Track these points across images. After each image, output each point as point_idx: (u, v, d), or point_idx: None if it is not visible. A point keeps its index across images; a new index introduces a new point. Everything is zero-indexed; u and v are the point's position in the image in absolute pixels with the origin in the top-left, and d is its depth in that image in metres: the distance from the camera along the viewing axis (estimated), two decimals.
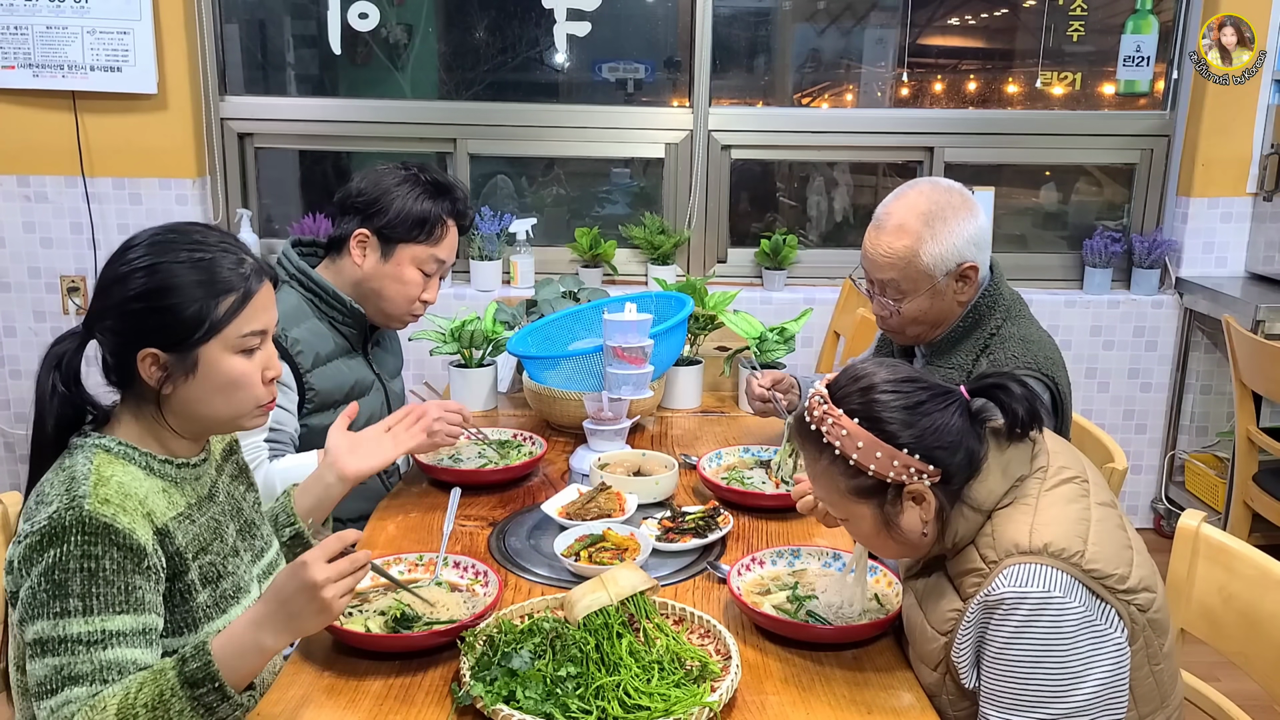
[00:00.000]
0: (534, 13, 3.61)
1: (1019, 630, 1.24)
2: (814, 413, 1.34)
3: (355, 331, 2.12)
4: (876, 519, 1.34)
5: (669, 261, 3.67)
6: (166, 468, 1.34)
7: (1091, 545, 1.27)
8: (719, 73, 3.68)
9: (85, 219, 3.49)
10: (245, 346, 1.33)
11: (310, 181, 3.99)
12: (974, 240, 1.87)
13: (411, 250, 2.06)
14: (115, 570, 1.21)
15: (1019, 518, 1.30)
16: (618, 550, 1.66)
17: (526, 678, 1.26)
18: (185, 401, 1.32)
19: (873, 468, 1.30)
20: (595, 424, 2.06)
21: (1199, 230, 3.63)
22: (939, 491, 1.31)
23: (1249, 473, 3.07)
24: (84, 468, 1.26)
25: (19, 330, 3.58)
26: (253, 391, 1.35)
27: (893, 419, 1.30)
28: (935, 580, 1.39)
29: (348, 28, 3.55)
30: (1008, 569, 1.26)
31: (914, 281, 1.87)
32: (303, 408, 1.99)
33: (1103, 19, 3.68)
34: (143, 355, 1.29)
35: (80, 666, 1.19)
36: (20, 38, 3.33)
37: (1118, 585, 1.27)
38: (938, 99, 3.86)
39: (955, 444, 1.31)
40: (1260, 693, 1.55)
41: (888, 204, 1.92)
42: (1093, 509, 1.32)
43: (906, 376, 1.34)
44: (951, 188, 1.90)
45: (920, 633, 1.38)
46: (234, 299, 1.31)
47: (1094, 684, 1.24)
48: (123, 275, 1.30)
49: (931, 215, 1.85)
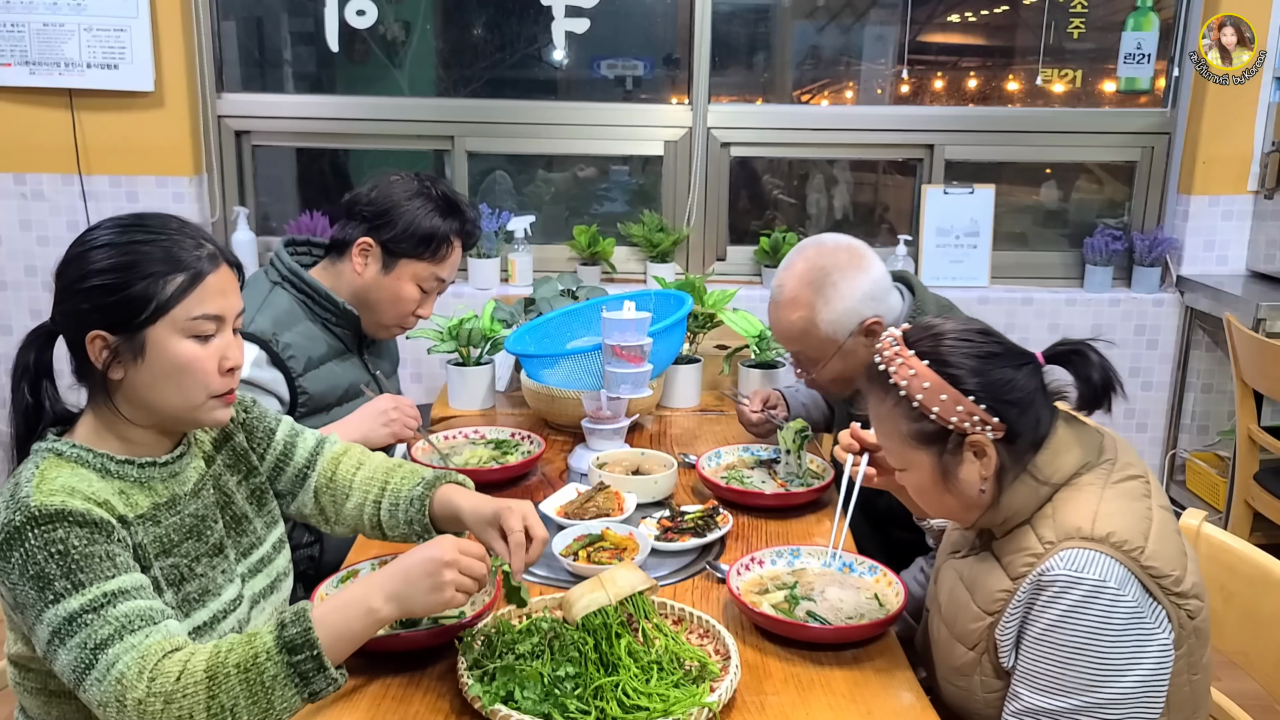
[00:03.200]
0: (532, 9, 3.59)
1: (1067, 614, 1.23)
2: (885, 353, 1.35)
3: (349, 333, 2.11)
4: (935, 469, 1.34)
5: (668, 259, 3.67)
6: (126, 468, 1.28)
7: (1152, 544, 1.26)
8: (718, 70, 3.67)
9: (82, 217, 3.48)
10: (197, 331, 1.27)
11: (308, 179, 3.98)
12: (870, 295, 1.88)
13: (414, 266, 2.05)
14: (86, 544, 1.17)
15: (1083, 504, 1.29)
16: (616, 550, 1.65)
17: (525, 677, 1.25)
18: (135, 388, 1.27)
19: (936, 410, 1.30)
20: (594, 423, 2.06)
21: (1200, 228, 3.62)
22: (1001, 449, 1.31)
23: (1250, 471, 3.07)
24: (28, 473, 1.22)
25: (15, 329, 3.57)
26: (204, 380, 1.28)
27: (962, 364, 1.30)
28: (983, 560, 1.38)
29: (345, 25, 3.54)
30: (1066, 551, 1.25)
31: (819, 349, 1.90)
32: (295, 411, 1.97)
33: (1103, 16, 3.67)
34: (91, 337, 1.24)
35: (101, 631, 1.15)
36: (17, 35, 3.32)
37: (1172, 587, 1.26)
38: (938, 96, 3.85)
39: (1023, 403, 1.31)
40: (1260, 692, 1.54)
41: (779, 276, 1.93)
42: (1154, 510, 1.31)
43: (982, 329, 1.35)
44: (838, 246, 1.90)
45: (964, 611, 1.37)
46: (183, 279, 1.25)
47: (1132, 680, 1.23)
48: (74, 256, 1.27)
49: (820, 283, 1.86)
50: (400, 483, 1.53)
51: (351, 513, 1.54)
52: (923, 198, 3.67)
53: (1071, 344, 1.35)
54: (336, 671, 1.18)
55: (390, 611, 1.22)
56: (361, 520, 1.54)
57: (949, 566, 1.45)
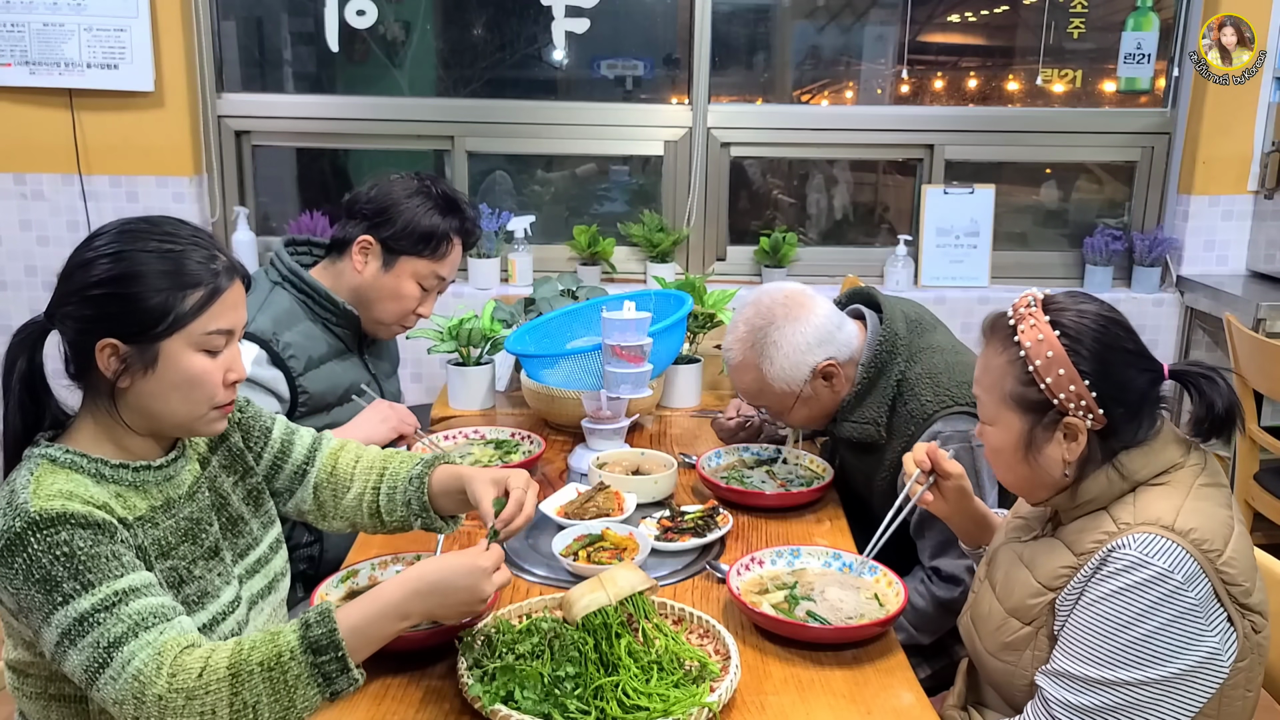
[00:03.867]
0: (532, 9, 3.59)
1: (1123, 590, 1.23)
2: (1019, 309, 1.34)
3: (349, 333, 2.11)
4: (1022, 436, 1.33)
5: (668, 259, 3.66)
6: (121, 472, 1.28)
7: (1230, 550, 1.26)
8: (718, 70, 3.67)
9: (82, 217, 3.48)
10: (209, 345, 1.28)
11: (308, 179, 3.97)
12: (816, 341, 1.88)
13: (413, 264, 2.05)
14: (91, 544, 1.16)
15: (1170, 497, 1.29)
16: (616, 550, 1.65)
17: (525, 677, 1.25)
18: (141, 397, 1.26)
19: (1049, 381, 1.29)
20: (594, 423, 2.06)
21: (1200, 228, 3.62)
22: (1094, 440, 1.30)
23: (1250, 471, 3.06)
24: (23, 479, 1.21)
25: (15, 329, 3.56)
26: (211, 392, 1.29)
27: (1091, 348, 1.29)
28: (1047, 541, 1.37)
29: (345, 25, 3.54)
30: (1143, 534, 1.25)
31: (780, 400, 1.92)
32: (295, 411, 1.97)
33: (1103, 16, 3.67)
34: (101, 345, 1.23)
35: (114, 629, 1.14)
36: (17, 35, 3.32)
37: (1242, 597, 1.25)
38: (938, 96, 3.85)
39: (1133, 406, 1.30)
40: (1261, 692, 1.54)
41: (726, 339, 1.96)
42: (1236, 522, 1.30)
43: (1121, 322, 1.34)
44: (774, 303, 1.91)
45: (1022, 588, 1.36)
46: (202, 294, 1.26)
47: (1168, 671, 1.22)
48: (87, 260, 1.25)
49: (760, 343, 1.88)
50: (399, 466, 1.54)
51: (350, 504, 1.54)
52: (923, 198, 3.67)
53: (1203, 367, 1.34)
54: (358, 671, 1.19)
55: (420, 617, 1.24)
56: (360, 510, 1.54)
57: (1007, 549, 1.44)
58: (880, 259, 3.71)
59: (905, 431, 1.84)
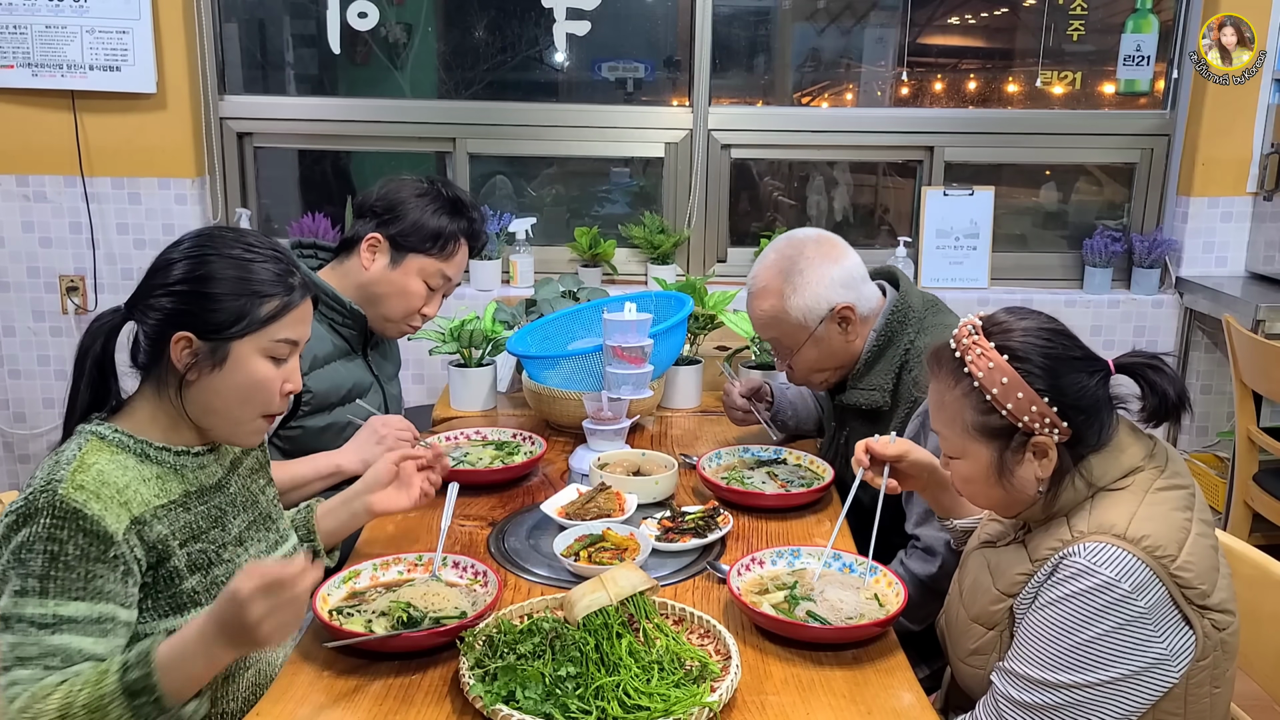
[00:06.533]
0: (533, 12, 3.60)
1: (1070, 597, 1.25)
2: (962, 340, 1.34)
3: (355, 334, 2.12)
4: (992, 464, 1.34)
5: (669, 261, 3.67)
6: (164, 454, 1.36)
7: (1185, 555, 1.26)
8: (719, 72, 3.68)
9: (84, 219, 3.48)
10: (275, 353, 1.38)
11: (309, 181, 3.98)
12: (840, 282, 1.92)
13: (420, 262, 2.06)
14: (78, 556, 1.23)
15: (1123, 505, 1.30)
16: (617, 550, 1.66)
17: (526, 677, 1.26)
18: (204, 392, 1.35)
19: (1009, 407, 1.30)
20: (595, 424, 2.06)
21: (1199, 230, 3.62)
22: (1063, 452, 1.31)
23: (1249, 473, 3.07)
24: (70, 453, 1.30)
25: (18, 330, 3.57)
26: (268, 398, 1.39)
27: (1042, 364, 1.29)
28: (1015, 549, 1.39)
29: (347, 27, 3.55)
30: (1093, 543, 1.26)
31: (791, 336, 1.94)
32: (298, 410, 1.98)
33: (1103, 18, 3.68)
34: (177, 338, 1.32)
35: (28, 649, 1.22)
36: (19, 37, 3.33)
37: (1199, 599, 1.26)
38: (938, 98, 3.85)
39: (1092, 409, 1.31)
40: (1260, 693, 1.55)
41: (754, 269, 2.00)
42: (1195, 523, 1.31)
43: (1063, 330, 1.34)
44: (807, 239, 1.96)
45: (984, 595, 1.38)
46: (277, 303, 1.36)
47: (1112, 674, 1.24)
48: (174, 259, 1.35)
49: (788, 271, 1.92)
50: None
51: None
52: (922, 199, 3.68)
53: (1146, 356, 1.35)
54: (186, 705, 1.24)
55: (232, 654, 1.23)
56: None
57: (978, 555, 1.46)
58: (880, 260, 3.70)
59: (909, 398, 1.89)
